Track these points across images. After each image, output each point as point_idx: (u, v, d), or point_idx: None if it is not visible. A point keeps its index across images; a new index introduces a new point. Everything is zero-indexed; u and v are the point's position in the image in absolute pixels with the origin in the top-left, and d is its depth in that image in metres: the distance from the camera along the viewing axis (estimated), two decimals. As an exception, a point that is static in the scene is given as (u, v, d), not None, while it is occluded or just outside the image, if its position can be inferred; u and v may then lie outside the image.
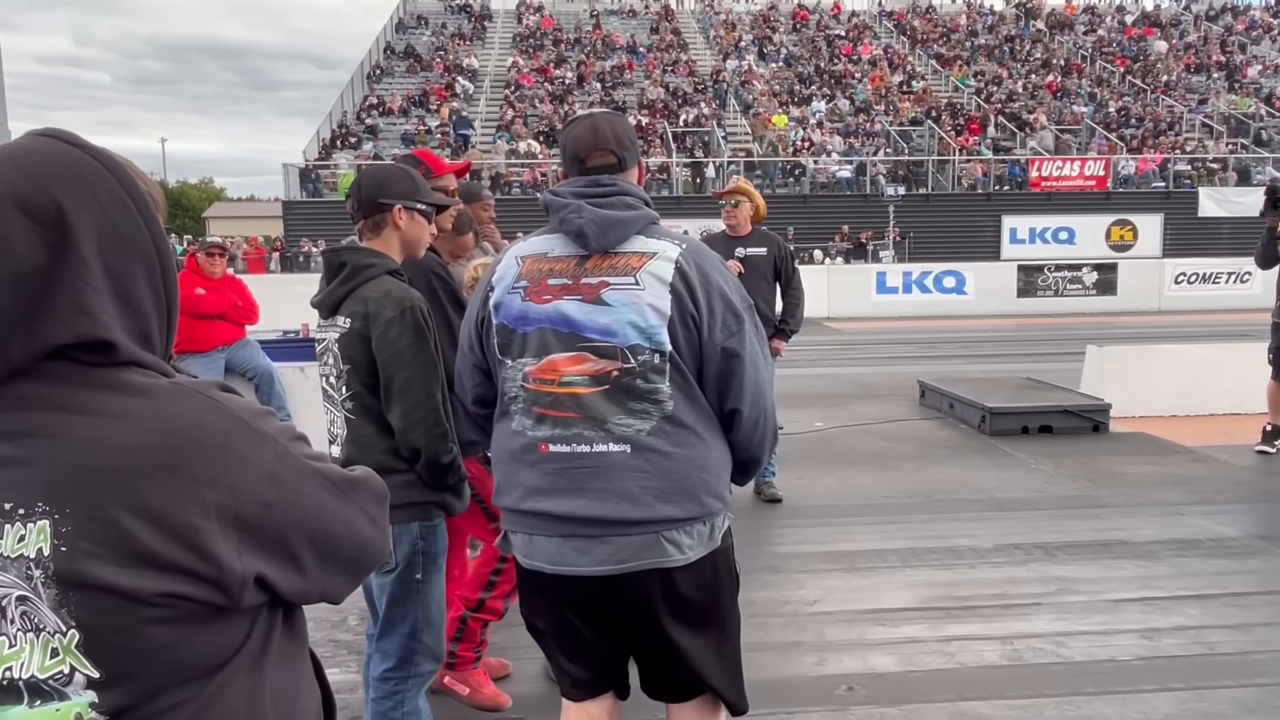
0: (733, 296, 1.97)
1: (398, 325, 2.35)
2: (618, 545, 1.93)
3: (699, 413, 1.96)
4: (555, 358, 1.95)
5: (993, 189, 25.59)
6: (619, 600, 2.00)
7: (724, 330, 1.94)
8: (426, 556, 2.47)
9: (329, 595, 1.04)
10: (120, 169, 0.96)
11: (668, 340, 1.91)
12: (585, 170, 2.03)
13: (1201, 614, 3.98)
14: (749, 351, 1.96)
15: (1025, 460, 6.57)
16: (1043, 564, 4.58)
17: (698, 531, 1.97)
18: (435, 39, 34.10)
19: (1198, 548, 4.80)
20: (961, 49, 34.26)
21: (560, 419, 1.95)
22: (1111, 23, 36.50)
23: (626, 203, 1.99)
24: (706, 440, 1.97)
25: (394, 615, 2.50)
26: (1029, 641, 3.73)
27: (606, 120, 2.09)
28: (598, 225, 1.95)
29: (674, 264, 1.94)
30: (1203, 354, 8.53)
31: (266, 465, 0.94)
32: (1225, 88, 30.97)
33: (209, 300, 6.41)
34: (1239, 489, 5.96)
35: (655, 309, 1.91)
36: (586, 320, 1.93)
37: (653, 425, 1.93)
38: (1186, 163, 26.07)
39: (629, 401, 1.92)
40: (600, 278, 1.95)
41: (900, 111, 29.18)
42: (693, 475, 1.94)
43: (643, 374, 1.91)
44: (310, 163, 26.05)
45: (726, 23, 35.94)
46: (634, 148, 2.09)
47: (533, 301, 1.98)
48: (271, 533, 0.93)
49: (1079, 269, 20.18)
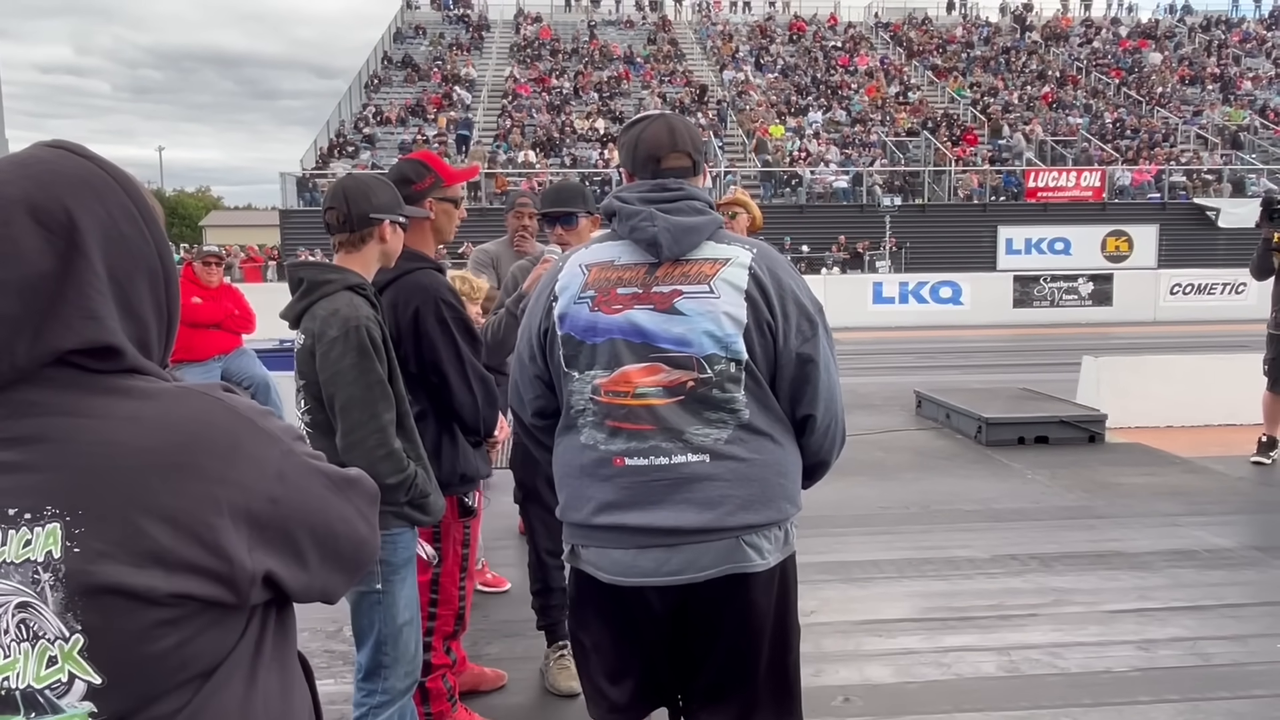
0: (806, 301, 1.94)
1: (340, 345, 2.33)
2: (696, 552, 1.89)
3: (774, 419, 1.94)
4: (628, 369, 1.89)
5: (989, 200, 25.66)
6: (692, 610, 1.96)
7: (799, 336, 1.91)
8: (386, 566, 2.43)
9: (328, 593, 1.06)
10: (129, 181, 0.97)
11: (744, 349, 1.87)
12: (659, 172, 1.98)
13: (1197, 625, 3.98)
14: (823, 356, 1.94)
15: (1021, 471, 6.58)
16: (1039, 575, 4.58)
17: (774, 536, 1.94)
18: (433, 49, 34.19)
19: (1193, 559, 4.81)
20: (957, 60, 34.41)
21: (636, 431, 1.89)
22: (1107, 35, 36.68)
23: (695, 208, 1.94)
24: (784, 445, 1.95)
25: (360, 627, 2.48)
26: (1025, 653, 3.73)
27: (681, 122, 2.05)
28: (671, 234, 1.89)
29: (748, 270, 1.90)
30: (1198, 365, 8.55)
31: (274, 463, 0.96)
32: (1219, 100, 31.12)
33: (205, 309, 6.40)
34: (1235, 500, 5.97)
35: (731, 317, 1.87)
36: (660, 330, 1.88)
37: (730, 434, 1.89)
38: (1182, 174, 26.18)
39: (705, 411, 1.88)
40: (673, 286, 1.89)
41: (896, 122, 29.28)
42: (772, 481, 1.92)
43: (719, 384, 1.87)
44: (307, 172, 26.07)
45: (724, 34, 36.07)
46: (703, 156, 2.06)
47: (602, 311, 1.91)
48: (280, 529, 0.95)
49: (1075, 280, 20.24)
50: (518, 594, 4.34)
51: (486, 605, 4.23)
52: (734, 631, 1.96)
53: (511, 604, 4.24)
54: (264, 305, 7.47)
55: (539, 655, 3.68)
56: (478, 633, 3.98)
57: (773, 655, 2.00)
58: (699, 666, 2.03)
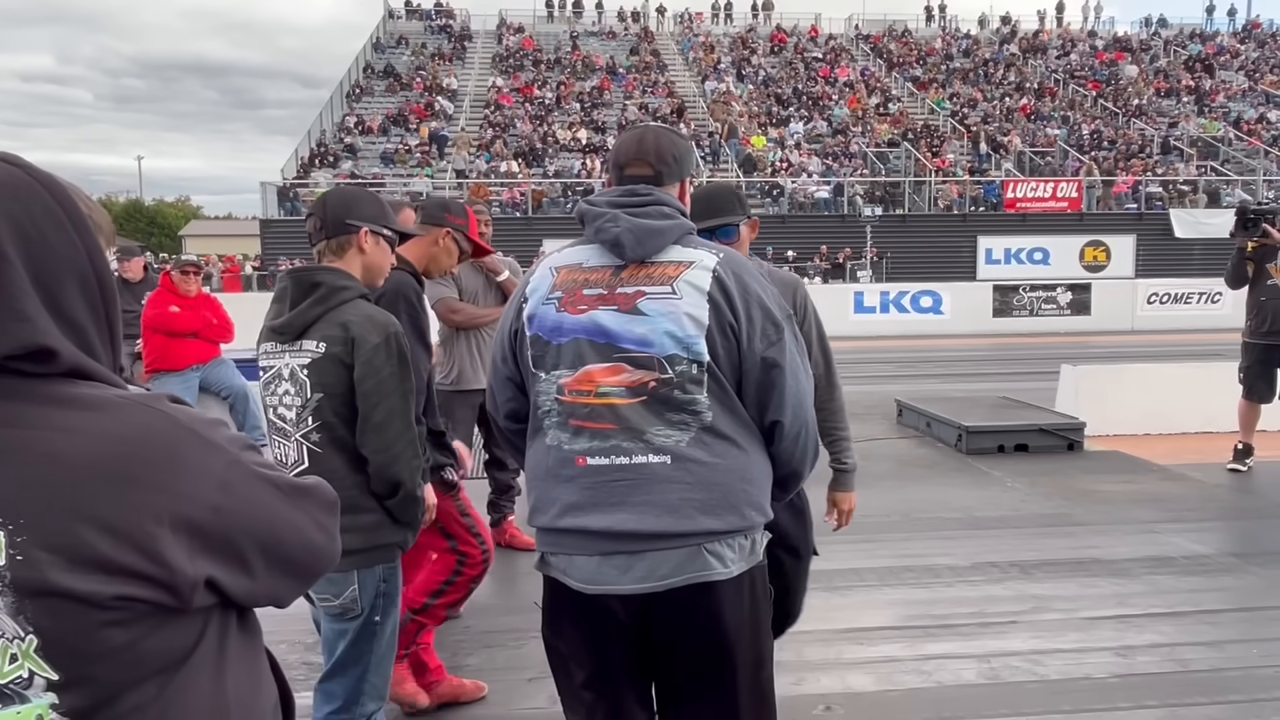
0: (771, 306, 1.93)
1: (383, 353, 2.25)
2: (657, 560, 1.88)
3: (739, 423, 1.92)
4: (591, 368, 1.90)
5: (968, 210, 25.87)
6: (658, 619, 1.94)
7: (763, 340, 1.89)
8: (387, 599, 2.41)
9: (276, 599, 1.08)
10: (57, 186, 0.98)
11: (705, 350, 1.87)
12: (624, 179, 2.03)
13: (1175, 631, 4.01)
14: (789, 361, 1.92)
15: (1001, 479, 6.61)
16: (1019, 582, 4.60)
17: (739, 545, 1.92)
18: (415, 59, 34.17)
19: (1171, 565, 4.84)
20: (937, 72, 34.72)
21: (598, 430, 1.89)
22: (1084, 47, 37.12)
23: (663, 212, 1.96)
24: (748, 451, 1.93)
25: (349, 657, 2.41)
26: (1006, 660, 3.74)
27: (654, 133, 2.09)
28: (634, 234, 1.92)
29: (711, 273, 1.90)
30: (1175, 373, 8.63)
31: (217, 473, 0.97)
32: (1194, 111, 31.53)
33: (183, 318, 6.36)
34: (1212, 507, 6.02)
35: (693, 318, 1.87)
36: (622, 330, 1.89)
37: (692, 436, 1.88)
38: (1158, 185, 26.49)
39: (667, 412, 1.88)
40: (636, 287, 1.91)
41: (876, 133, 29.50)
42: (735, 486, 1.90)
43: (680, 385, 1.87)
44: (288, 181, 25.96)
45: (705, 44, 36.25)
46: (677, 165, 2.05)
47: (568, 312, 1.93)
48: (222, 537, 0.97)
49: (1053, 289, 20.40)
50: (497, 604, 4.32)
51: (467, 615, 4.20)
52: (700, 642, 1.94)
53: (491, 615, 4.21)
54: (243, 315, 7.42)
55: (520, 666, 3.66)
56: (457, 643, 3.95)
57: (744, 667, 1.98)
58: (669, 677, 2.02)
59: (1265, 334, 6.54)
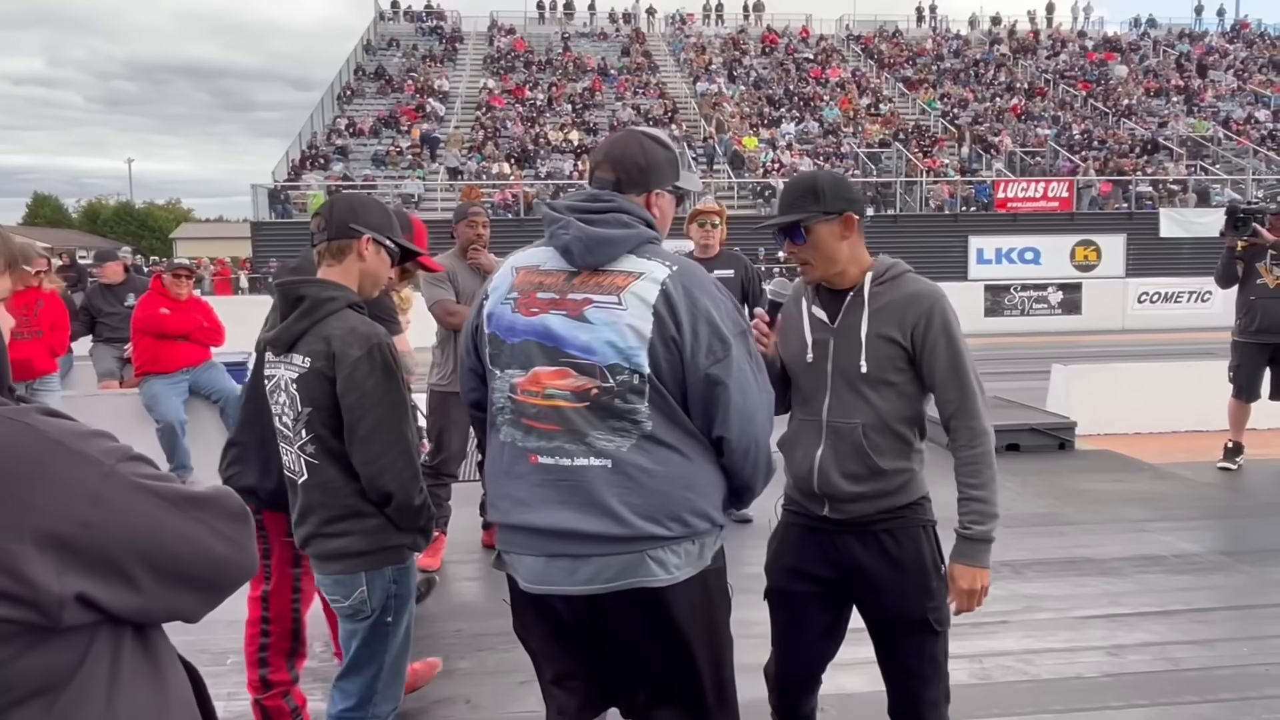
0: (721, 322, 1.92)
1: (365, 365, 2.23)
2: (602, 564, 1.90)
3: (682, 432, 1.93)
4: (539, 370, 1.93)
5: (959, 210, 25.93)
6: (607, 622, 1.96)
7: (708, 356, 1.89)
8: (398, 600, 2.43)
9: (179, 614, 1.05)
10: None
11: (646, 362, 1.88)
12: (594, 182, 2.05)
13: (1166, 630, 4.02)
14: (735, 378, 1.91)
15: (993, 478, 6.62)
16: (1010, 582, 4.60)
17: (685, 551, 1.93)
18: (406, 60, 34.12)
19: (1162, 564, 4.86)
20: (928, 73, 34.80)
21: (545, 431, 1.93)
22: (1074, 47, 37.24)
23: (621, 220, 1.96)
24: (691, 459, 1.93)
25: (362, 657, 2.45)
26: (997, 660, 3.74)
27: (627, 139, 2.08)
28: (583, 242, 1.93)
29: (659, 285, 1.90)
30: (1166, 372, 8.67)
31: (87, 486, 0.95)
32: (1184, 111, 31.67)
33: (173, 321, 6.33)
34: (1202, 505, 6.04)
35: (635, 330, 1.88)
36: (569, 336, 1.91)
37: (633, 443, 1.90)
38: (1148, 184, 26.59)
39: (609, 419, 1.90)
40: (585, 294, 1.92)
41: (867, 134, 29.55)
42: (675, 494, 1.91)
43: (620, 394, 1.89)
44: (279, 183, 25.89)
45: (697, 45, 36.27)
46: (641, 174, 2.02)
47: (520, 313, 1.97)
48: (95, 552, 0.95)
49: (1044, 289, 20.47)
50: (488, 608, 4.31)
51: (458, 619, 4.20)
52: (646, 646, 1.97)
53: (483, 618, 4.20)
54: (234, 318, 7.40)
55: (511, 669, 3.64)
56: (449, 646, 3.94)
57: (703, 669, 2.00)
58: (625, 679, 2.06)
59: (1255, 333, 6.56)
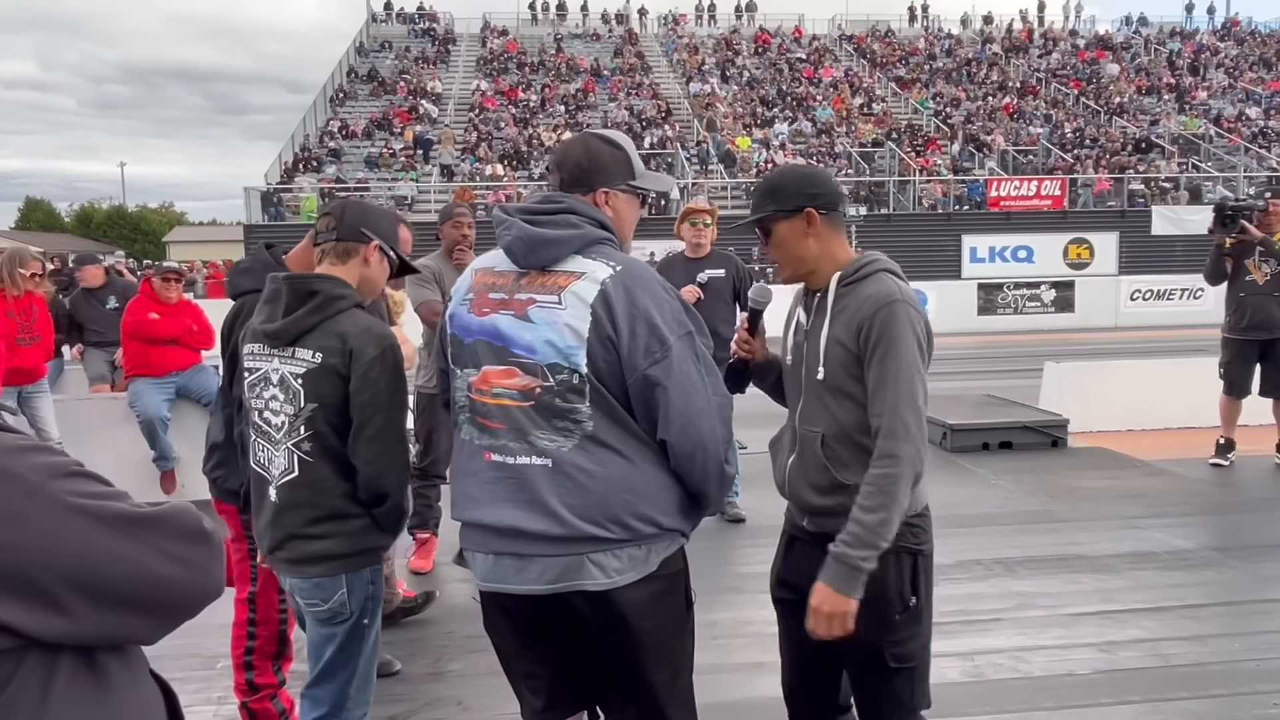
0: (660, 321, 1.90)
1: (379, 365, 2.25)
2: (546, 565, 1.92)
3: (625, 434, 1.93)
4: (488, 370, 1.97)
5: (953, 209, 25.95)
6: (558, 624, 1.99)
7: (646, 356, 1.89)
8: (374, 601, 2.42)
9: (123, 638, 1.01)
10: None
11: (584, 362, 1.89)
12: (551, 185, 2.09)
13: (1158, 626, 4.03)
14: (675, 379, 1.89)
15: (986, 476, 6.63)
16: (1003, 579, 4.61)
17: (629, 555, 1.92)
18: (399, 62, 34.08)
19: (1154, 561, 4.86)
20: (920, 72, 34.84)
21: (493, 429, 1.97)
22: (1065, 46, 37.32)
23: (569, 221, 1.97)
24: (634, 462, 1.92)
25: (336, 662, 2.41)
26: (989, 657, 3.75)
27: (574, 142, 2.13)
28: (524, 242, 1.96)
29: (599, 285, 1.91)
30: (1158, 369, 8.69)
31: (7, 505, 0.92)
32: (1175, 109, 31.75)
33: (163, 325, 6.31)
34: (1194, 502, 6.06)
35: (573, 329, 1.90)
36: (514, 335, 1.94)
37: (575, 443, 1.91)
38: (1140, 182, 26.64)
39: (552, 418, 1.92)
40: (530, 294, 1.95)
41: (860, 133, 29.57)
42: (614, 496, 1.90)
43: (560, 393, 1.91)
44: (272, 186, 25.83)
45: (689, 46, 36.27)
46: (586, 175, 2.04)
47: (475, 314, 2.01)
48: (13, 574, 0.91)
49: (1038, 287, 20.51)
50: (480, 610, 4.30)
51: (451, 621, 4.19)
52: (604, 648, 1.98)
53: (474, 620, 4.17)
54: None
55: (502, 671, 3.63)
56: (440, 648, 3.94)
57: (646, 677, 1.99)
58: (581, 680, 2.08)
59: (1244, 329, 6.58)
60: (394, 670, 3.70)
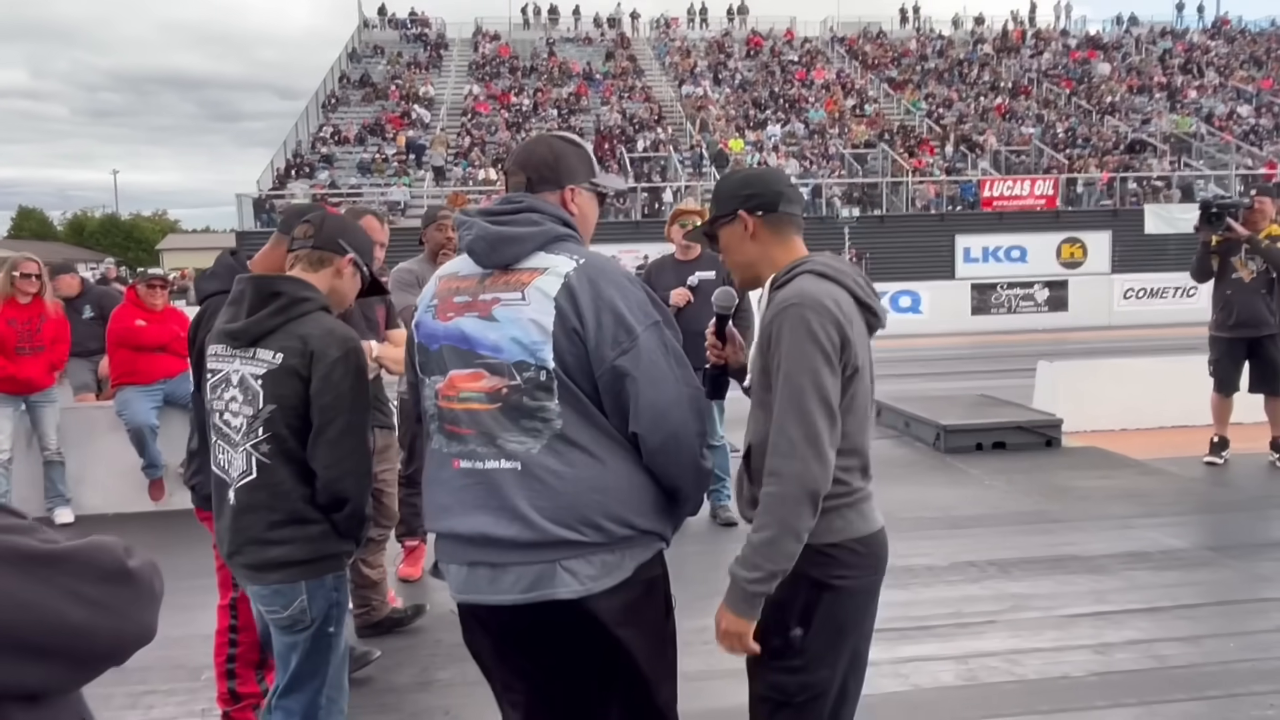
0: (626, 311, 1.87)
1: (342, 367, 2.24)
2: (519, 574, 1.87)
3: (596, 432, 1.88)
4: (454, 374, 1.93)
5: (946, 209, 25.97)
6: (534, 635, 1.92)
7: (614, 347, 1.85)
8: (339, 608, 2.39)
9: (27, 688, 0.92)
10: None
11: (551, 357, 1.85)
12: (509, 186, 2.05)
13: (1153, 627, 4.00)
14: (645, 370, 1.86)
15: (980, 477, 6.60)
16: (997, 581, 4.58)
17: (602, 561, 1.86)
18: (391, 68, 34.05)
19: (1148, 560, 4.83)
20: (912, 73, 34.89)
21: (461, 435, 1.93)
22: (1056, 46, 37.40)
23: (530, 219, 1.95)
24: (604, 461, 1.87)
25: (304, 672, 2.38)
26: (983, 661, 3.71)
27: (535, 142, 2.11)
28: (486, 241, 1.93)
29: (563, 278, 1.88)
30: (1151, 368, 8.66)
31: None
32: (1167, 108, 31.82)
33: (149, 332, 6.27)
34: (1188, 501, 6.03)
35: (537, 324, 1.86)
36: (479, 336, 1.91)
37: (544, 444, 1.87)
38: (1133, 181, 26.69)
39: (521, 419, 1.88)
40: (495, 294, 1.92)
41: (853, 134, 29.60)
42: (584, 496, 1.85)
43: (528, 391, 1.87)
44: (264, 193, 25.77)
45: (681, 49, 36.29)
46: (553, 172, 2.02)
47: (439, 320, 1.97)
48: None
49: (1031, 286, 20.54)
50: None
51: (439, 629, 4.14)
52: (580, 661, 1.92)
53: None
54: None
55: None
56: (429, 657, 3.90)
57: (632, 687, 1.94)
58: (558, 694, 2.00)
59: (1232, 327, 6.58)
60: (372, 659, 3.67)
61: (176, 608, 4.08)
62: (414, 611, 4.22)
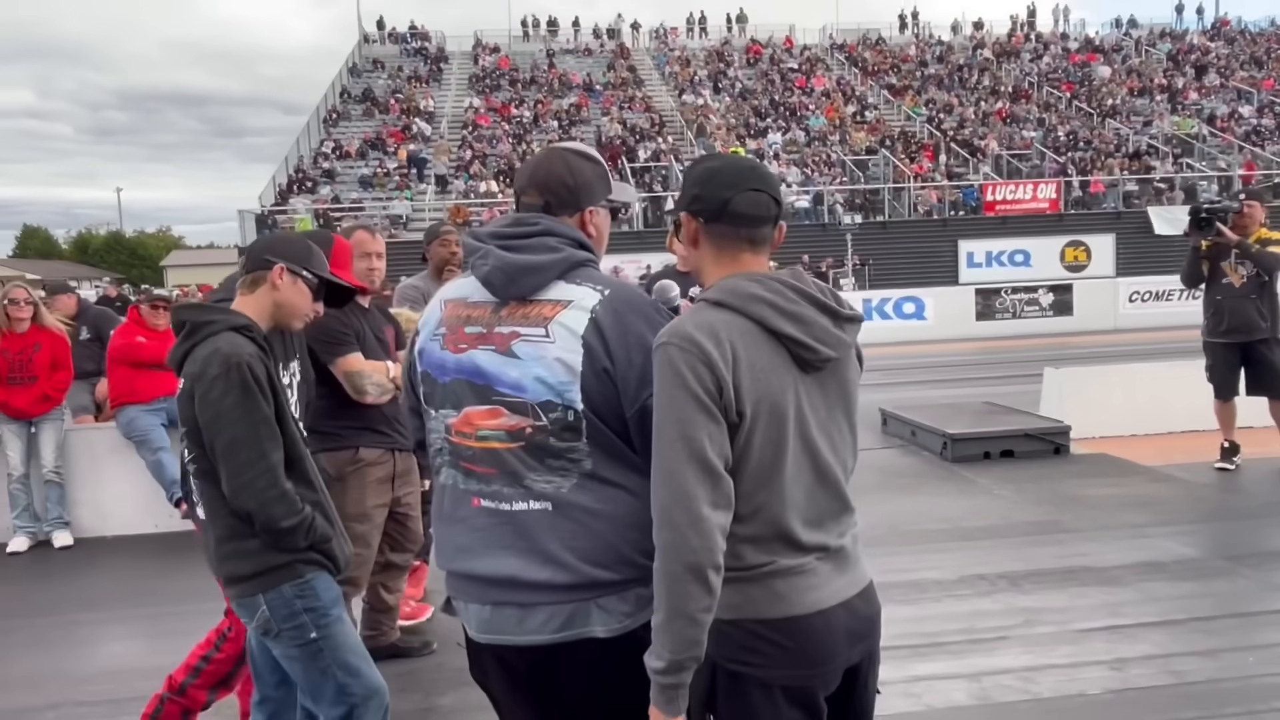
0: None
1: (221, 384, 2.28)
2: (550, 613, 1.78)
3: (625, 469, 1.79)
4: (470, 410, 1.82)
5: (948, 214, 25.91)
6: (561, 677, 1.83)
7: (646, 385, 1.72)
8: (313, 613, 2.39)
9: None
10: None
11: (579, 398, 1.74)
12: (519, 206, 1.91)
13: (1169, 641, 3.91)
14: None
15: (988, 486, 6.52)
16: (1008, 595, 4.50)
17: (636, 595, 1.78)
18: (391, 82, 34.13)
19: (1163, 571, 4.75)
20: (912, 79, 34.88)
21: (482, 474, 1.82)
22: (1056, 49, 37.38)
23: (547, 245, 1.82)
24: (637, 495, 1.77)
25: (311, 679, 2.44)
26: (997, 678, 3.63)
27: (550, 157, 1.93)
28: (504, 272, 1.80)
29: (589, 313, 1.76)
30: (1159, 372, 8.57)
31: None
32: (1168, 110, 31.76)
33: (149, 349, 6.22)
34: (1201, 508, 5.95)
35: (564, 364, 1.75)
36: (498, 373, 1.79)
37: (575, 482, 1.77)
38: (1135, 183, 26.62)
39: (547, 458, 1.77)
40: (512, 327, 1.80)
41: (854, 141, 29.57)
42: (622, 534, 1.77)
43: (555, 432, 1.76)
44: (266, 208, 25.79)
45: (681, 59, 36.33)
46: (571, 194, 1.88)
47: (449, 350, 1.85)
48: None
49: (1035, 290, 20.42)
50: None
51: (442, 652, 4.07)
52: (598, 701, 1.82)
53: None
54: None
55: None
56: (431, 681, 3.83)
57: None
58: None
59: (1223, 332, 6.54)
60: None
61: (174, 634, 4.04)
62: (421, 646, 4.15)
